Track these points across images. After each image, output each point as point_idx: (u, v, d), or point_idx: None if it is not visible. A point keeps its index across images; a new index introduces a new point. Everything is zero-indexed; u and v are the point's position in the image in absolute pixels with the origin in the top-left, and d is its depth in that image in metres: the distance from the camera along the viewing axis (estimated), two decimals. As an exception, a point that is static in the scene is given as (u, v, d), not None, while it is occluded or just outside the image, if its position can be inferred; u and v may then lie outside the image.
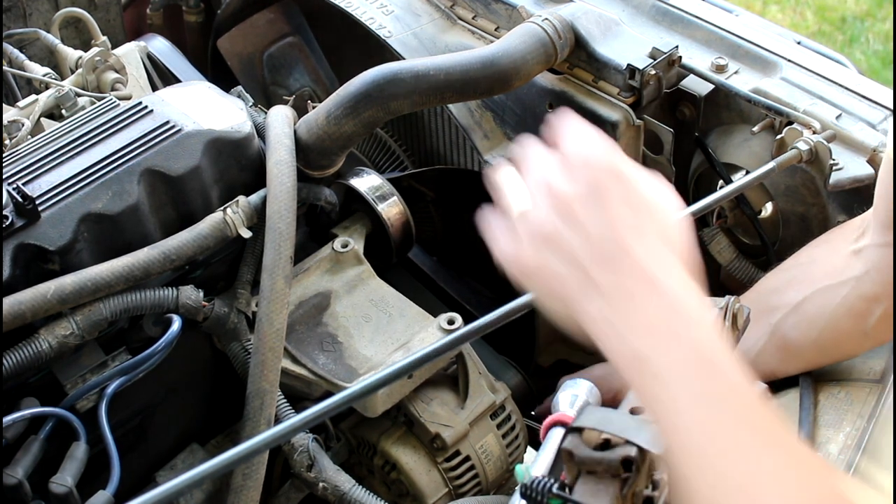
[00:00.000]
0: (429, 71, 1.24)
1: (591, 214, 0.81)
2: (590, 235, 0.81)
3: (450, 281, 1.58)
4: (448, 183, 1.56)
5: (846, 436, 1.14)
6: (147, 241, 1.13)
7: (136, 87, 1.59)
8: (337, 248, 1.31)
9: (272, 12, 1.74)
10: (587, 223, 0.81)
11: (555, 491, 0.83)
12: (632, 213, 0.82)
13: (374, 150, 1.67)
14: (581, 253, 0.81)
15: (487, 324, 0.97)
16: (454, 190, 1.51)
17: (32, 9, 1.81)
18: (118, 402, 1.11)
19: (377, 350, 1.21)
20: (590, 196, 0.82)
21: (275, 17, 1.74)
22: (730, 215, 1.45)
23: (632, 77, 1.34)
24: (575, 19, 1.37)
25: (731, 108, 1.40)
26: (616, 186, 0.82)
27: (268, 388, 1.13)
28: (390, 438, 1.23)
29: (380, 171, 1.58)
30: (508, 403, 1.27)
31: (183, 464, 1.22)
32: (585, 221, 0.81)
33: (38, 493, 1.05)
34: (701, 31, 1.44)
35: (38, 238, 1.07)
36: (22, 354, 1.04)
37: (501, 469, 1.25)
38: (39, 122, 1.46)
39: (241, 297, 1.21)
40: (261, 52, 1.74)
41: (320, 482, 1.15)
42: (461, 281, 1.60)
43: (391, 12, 1.54)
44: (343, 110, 1.24)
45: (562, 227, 0.82)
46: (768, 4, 3.88)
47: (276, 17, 1.74)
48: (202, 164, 1.17)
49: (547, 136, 0.88)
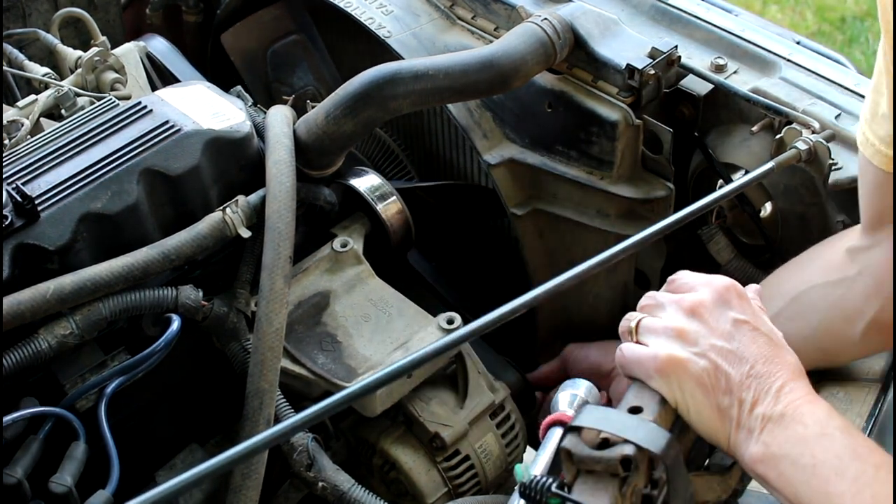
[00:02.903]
0: (428, 71, 1.24)
1: (717, 314, 0.94)
2: (713, 330, 0.93)
3: (448, 286, 1.58)
4: (453, 196, 1.56)
5: (845, 435, 1.14)
6: (146, 240, 1.13)
7: (135, 87, 1.59)
8: (336, 248, 1.31)
9: (278, 9, 1.73)
10: (711, 320, 0.94)
11: (554, 490, 0.83)
12: (753, 317, 0.94)
13: (374, 150, 1.67)
14: (706, 342, 0.93)
15: (487, 324, 0.97)
16: (459, 203, 1.52)
17: (32, 9, 1.81)
18: (117, 402, 1.11)
19: (376, 350, 1.21)
20: (715, 302, 0.95)
21: (280, 13, 1.73)
22: (729, 215, 1.45)
23: (631, 77, 1.34)
24: (574, 19, 1.37)
25: (730, 108, 1.40)
26: (734, 295, 0.95)
27: (267, 387, 1.13)
28: (389, 438, 1.23)
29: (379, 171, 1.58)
30: (508, 403, 1.27)
31: (182, 463, 1.22)
32: (709, 319, 0.94)
33: (37, 493, 1.05)
34: (700, 31, 1.44)
35: (38, 238, 1.07)
36: (21, 354, 1.04)
37: (501, 468, 1.26)
38: (39, 122, 1.46)
39: (241, 297, 1.21)
40: (265, 48, 1.74)
41: (319, 482, 1.15)
42: (460, 286, 1.59)
43: (390, 12, 1.54)
44: (342, 110, 1.24)
45: (688, 325, 0.94)
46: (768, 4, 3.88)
47: (282, 14, 1.74)
48: (201, 163, 1.17)
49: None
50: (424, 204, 1.49)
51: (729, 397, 0.91)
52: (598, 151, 1.38)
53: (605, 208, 1.40)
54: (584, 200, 1.42)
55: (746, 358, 0.91)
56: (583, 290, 1.50)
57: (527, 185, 1.46)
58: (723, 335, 0.92)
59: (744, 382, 0.90)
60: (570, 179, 1.41)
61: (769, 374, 0.90)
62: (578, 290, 1.48)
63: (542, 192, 1.45)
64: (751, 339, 0.92)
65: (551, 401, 1.03)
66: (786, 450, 0.87)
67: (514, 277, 1.53)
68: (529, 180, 1.45)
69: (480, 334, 0.96)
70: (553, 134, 1.42)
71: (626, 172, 1.38)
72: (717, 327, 0.93)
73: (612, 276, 1.46)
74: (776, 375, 0.90)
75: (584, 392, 1.02)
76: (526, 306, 1.00)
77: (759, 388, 0.90)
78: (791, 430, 0.87)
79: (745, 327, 0.93)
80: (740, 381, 0.91)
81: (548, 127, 1.42)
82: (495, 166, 1.44)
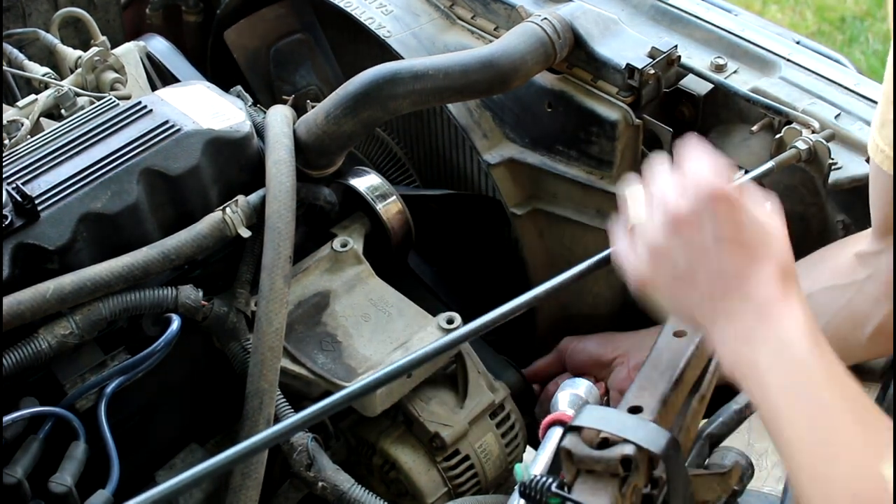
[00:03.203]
0: (428, 71, 1.24)
1: (697, 233, 0.91)
2: (692, 253, 0.92)
3: (449, 291, 1.58)
4: (457, 205, 1.56)
5: (845, 435, 1.14)
6: (146, 240, 1.13)
7: (135, 86, 1.59)
8: (336, 248, 1.31)
9: (282, 7, 1.73)
10: (693, 242, 0.91)
11: (554, 490, 0.83)
12: (735, 230, 0.91)
13: (374, 150, 1.67)
14: (683, 269, 0.92)
15: (487, 323, 0.97)
16: (463, 213, 1.52)
17: (32, 9, 1.81)
18: (117, 402, 1.11)
19: (376, 349, 1.21)
20: (698, 214, 0.91)
21: (285, 12, 1.73)
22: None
23: (631, 76, 1.34)
24: (574, 19, 1.37)
25: (730, 108, 1.40)
26: (723, 207, 0.91)
27: (267, 387, 1.13)
28: (389, 438, 1.23)
29: (380, 171, 1.58)
30: (507, 403, 1.27)
31: (182, 463, 1.22)
32: (691, 240, 0.91)
33: (37, 493, 1.05)
34: (700, 31, 1.44)
35: (38, 238, 1.07)
36: (21, 354, 1.04)
37: (500, 468, 1.26)
38: (39, 121, 1.46)
39: (241, 297, 1.21)
40: (268, 46, 1.73)
41: (319, 481, 1.15)
42: (460, 291, 1.59)
43: (390, 12, 1.54)
44: (342, 110, 1.24)
45: (669, 243, 0.93)
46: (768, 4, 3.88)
47: (286, 13, 1.73)
48: (201, 163, 1.17)
49: (675, 158, 0.96)
50: (426, 208, 1.49)
51: (701, 310, 0.92)
52: (597, 151, 1.38)
53: (605, 208, 1.40)
54: (584, 200, 1.42)
55: (724, 271, 0.90)
56: (582, 290, 1.50)
57: (527, 185, 1.46)
58: (701, 252, 0.91)
59: (717, 303, 0.90)
60: (570, 179, 1.41)
61: (743, 295, 0.89)
62: (578, 289, 1.48)
63: (542, 192, 1.45)
64: (729, 254, 0.90)
65: (551, 398, 1.03)
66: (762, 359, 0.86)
67: (513, 277, 1.53)
68: (529, 180, 1.45)
69: (480, 334, 0.96)
70: (553, 134, 1.42)
71: (625, 172, 1.38)
72: (697, 243, 0.91)
73: (612, 276, 1.44)
74: (751, 293, 0.89)
75: (584, 392, 1.02)
76: (525, 306, 1.00)
77: (731, 306, 0.89)
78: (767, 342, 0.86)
79: (725, 243, 0.90)
80: (712, 300, 0.90)
81: (548, 127, 1.42)
82: (495, 166, 1.44)
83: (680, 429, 0.94)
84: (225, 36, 1.72)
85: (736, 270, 0.90)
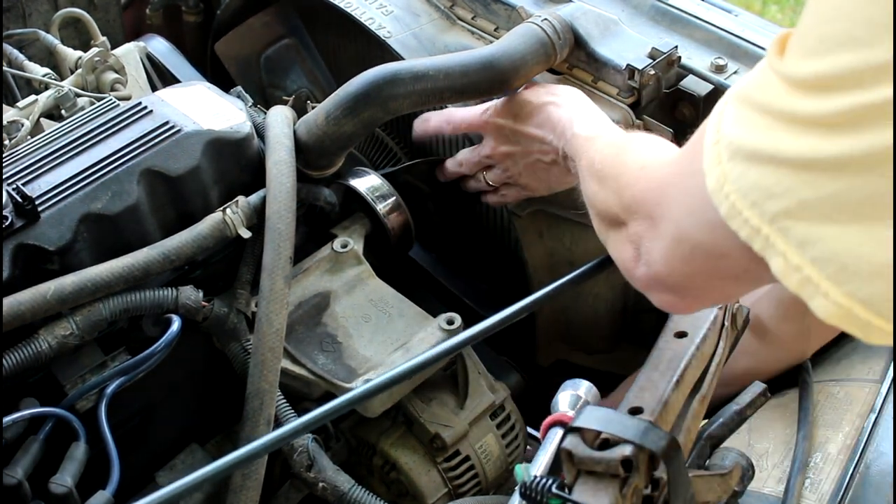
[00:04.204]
0: (428, 71, 1.24)
1: (502, 146, 1.36)
2: (514, 156, 1.35)
3: (448, 276, 1.58)
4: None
5: (845, 436, 1.14)
6: (146, 241, 1.13)
7: (135, 87, 1.59)
8: (336, 249, 1.31)
9: (268, 15, 1.74)
10: (506, 154, 1.36)
11: (554, 491, 0.83)
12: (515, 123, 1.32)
13: (374, 151, 1.67)
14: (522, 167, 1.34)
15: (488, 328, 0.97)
16: (446, 183, 1.51)
17: (32, 9, 1.81)
18: (118, 403, 1.11)
19: (377, 350, 1.21)
20: (487, 140, 1.37)
21: (270, 19, 1.74)
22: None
23: (631, 77, 1.34)
24: (574, 19, 1.37)
25: (730, 108, 1.40)
26: (490, 127, 1.36)
27: (267, 388, 1.13)
28: (390, 438, 1.23)
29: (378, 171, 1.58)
30: (508, 403, 1.27)
31: (182, 464, 1.22)
32: (504, 153, 1.36)
33: (37, 494, 1.05)
34: (700, 32, 1.44)
35: (38, 238, 1.07)
36: (21, 354, 1.04)
37: (501, 469, 1.26)
38: (39, 122, 1.46)
39: (241, 298, 1.21)
40: (257, 54, 1.74)
41: (320, 482, 1.15)
42: (460, 276, 1.60)
43: (390, 13, 1.54)
44: (342, 111, 1.24)
45: (501, 170, 1.38)
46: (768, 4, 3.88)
47: (272, 20, 1.74)
48: (202, 164, 1.17)
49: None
50: (419, 195, 1.48)
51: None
52: (598, 152, 1.38)
53: (606, 208, 1.40)
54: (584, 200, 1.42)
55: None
56: (582, 291, 1.50)
57: (527, 186, 1.46)
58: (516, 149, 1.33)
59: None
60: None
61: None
62: (578, 290, 1.48)
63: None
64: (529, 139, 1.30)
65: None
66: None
67: (514, 277, 1.53)
68: (530, 180, 1.45)
69: (481, 339, 0.97)
70: (553, 134, 1.42)
71: (626, 173, 1.38)
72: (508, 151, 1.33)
73: (612, 276, 1.46)
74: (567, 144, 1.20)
75: (584, 392, 1.02)
76: (527, 310, 1.00)
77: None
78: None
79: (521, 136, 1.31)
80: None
81: (548, 127, 1.42)
82: (495, 167, 1.44)
83: (680, 430, 0.94)
84: (216, 48, 1.73)
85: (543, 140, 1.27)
